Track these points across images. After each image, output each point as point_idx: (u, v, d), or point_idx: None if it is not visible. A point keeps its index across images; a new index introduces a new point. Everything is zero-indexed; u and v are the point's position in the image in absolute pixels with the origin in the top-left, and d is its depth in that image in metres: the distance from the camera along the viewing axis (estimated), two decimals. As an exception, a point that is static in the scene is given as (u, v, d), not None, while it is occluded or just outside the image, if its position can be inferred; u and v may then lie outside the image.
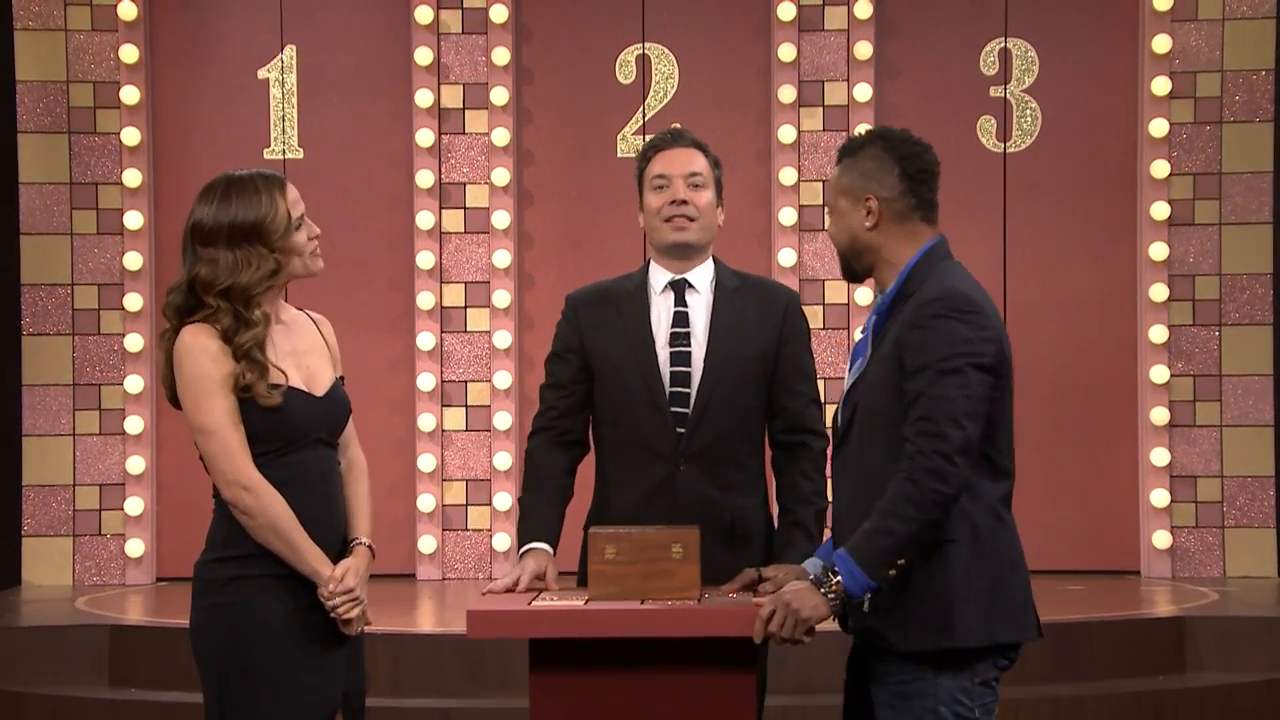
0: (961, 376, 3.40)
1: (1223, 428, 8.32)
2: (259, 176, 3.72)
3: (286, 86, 8.48)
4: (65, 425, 8.36)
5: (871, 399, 3.52)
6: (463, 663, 6.40)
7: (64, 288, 8.38)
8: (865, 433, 3.52)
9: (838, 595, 3.40)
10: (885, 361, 3.50)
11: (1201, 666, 6.76)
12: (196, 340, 3.64)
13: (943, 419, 3.38)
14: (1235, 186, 8.32)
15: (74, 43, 8.39)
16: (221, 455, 3.61)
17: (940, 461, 3.36)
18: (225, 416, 3.60)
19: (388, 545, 8.30)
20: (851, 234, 3.60)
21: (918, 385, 3.41)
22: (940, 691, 3.44)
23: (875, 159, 3.58)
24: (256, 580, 3.64)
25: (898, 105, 8.45)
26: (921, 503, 3.37)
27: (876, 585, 3.39)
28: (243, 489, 3.60)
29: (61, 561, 8.34)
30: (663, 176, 4.10)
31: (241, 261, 3.66)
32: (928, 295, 3.47)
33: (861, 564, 3.38)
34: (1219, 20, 8.33)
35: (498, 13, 8.43)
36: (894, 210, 3.57)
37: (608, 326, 4.06)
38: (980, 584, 3.44)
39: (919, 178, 3.57)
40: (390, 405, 8.43)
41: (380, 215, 8.48)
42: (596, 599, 3.65)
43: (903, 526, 3.37)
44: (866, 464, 3.51)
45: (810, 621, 3.41)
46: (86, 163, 8.39)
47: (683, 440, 4.02)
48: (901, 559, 3.39)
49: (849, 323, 8.40)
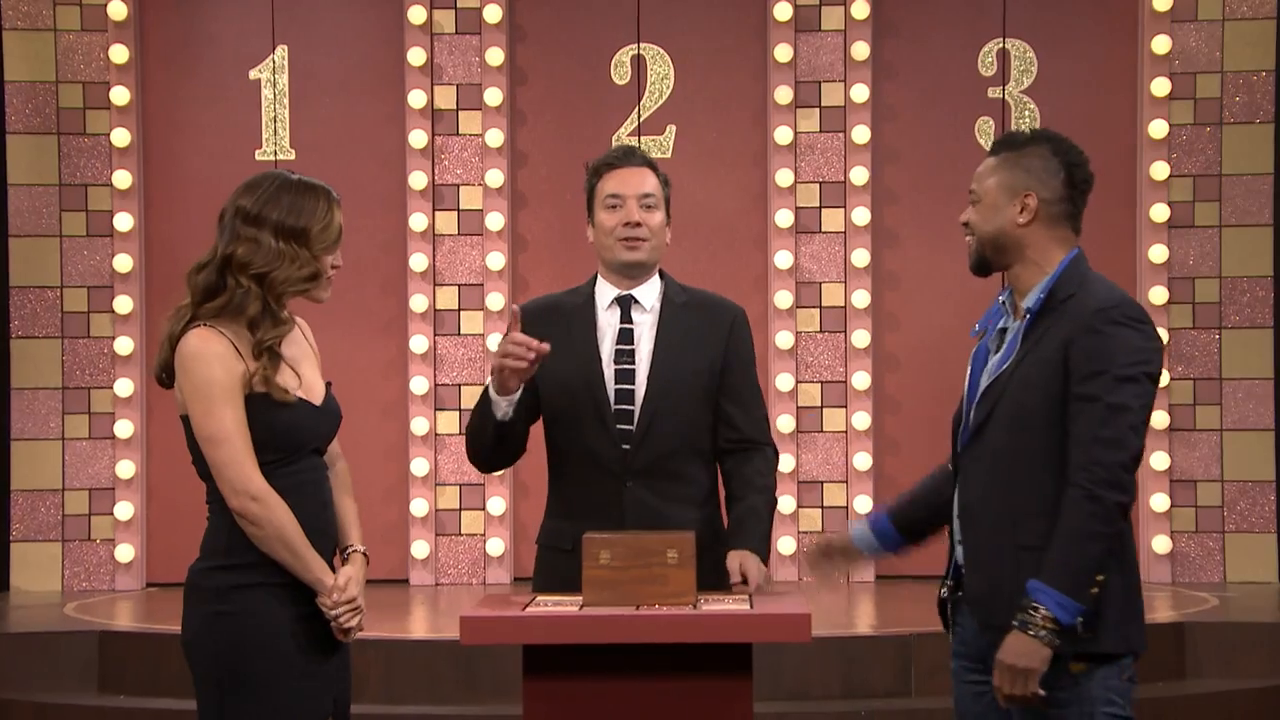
0: (1138, 386, 3.47)
1: (1223, 432, 8.34)
2: (323, 187, 3.76)
3: (278, 87, 8.49)
4: (54, 429, 8.36)
5: (1022, 397, 3.54)
6: (456, 669, 6.40)
7: (53, 290, 8.38)
8: (1006, 431, 3.55)
9: (1050, 629, 3.43)
10: (1044, 363, 3.53)
11: (1202, 673, 6.76)
12: (207, 345, 3.62)
13: (1123, 428, 3.44)
14: (1235, 189, 8.34)
15: (63, 43, 8.39)
16: (230, 464, 3.60)
17: (1120, 472, 3.43)
18: (234, 425, 3.59)
19: (381, 550, 8.32)
20: (1000, 227, 3.65)
21: (1092, 390, 3.46)
22: (1095, 692, 3.49)
23: (1042, 159, 3.64)
24: (258, 589, 3.64)
25: (895, 106, 8.47)
26: (1108, 517, 3.43)
27: (1085, 607, 3.44)
28: (251, 499, 3.60)
29: (50, 567, 8.35)
30: (616, 196, 4.17)
31: (286, 255, 3.66)
32: (1102, 302, 3.53)
33: (1066, 591, 3.42)
34: (1219, 21, 8.35)
35: (491, 13, 8.44)
36: (1050, 213, 3.63)
37: (557, 341, 4.11)
38: (1121, 590, 3.51)
39: (1081, 187, 3.65)
40: (383, 409, 8.44)
41: (373, 217, 8.48)
42: (591, 605, 3.66)
43: (1097, 546, 3.43)
44: (1004, 462, 3.55)
45: (1038, 671, 3.43)
46: (76, 164, 8.40)
47: (628, 456, 4.08)
48: (1100, 575, 3.44)
49: (846, 325, 8.41)
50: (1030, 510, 3.50)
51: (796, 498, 8.38)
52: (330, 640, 3.72)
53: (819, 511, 8.42)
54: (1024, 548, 3.50)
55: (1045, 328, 3.56)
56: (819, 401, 8.45)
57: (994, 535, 3.55)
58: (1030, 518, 3.50)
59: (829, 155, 8.48)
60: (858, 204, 8.40)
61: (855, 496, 8.36)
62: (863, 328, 8.40)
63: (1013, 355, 3.60)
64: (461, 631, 3.58)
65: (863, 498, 8.34)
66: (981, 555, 3.58)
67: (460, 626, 3.58)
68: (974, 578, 3.61)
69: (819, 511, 8.42)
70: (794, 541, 8.35)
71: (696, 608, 3.65)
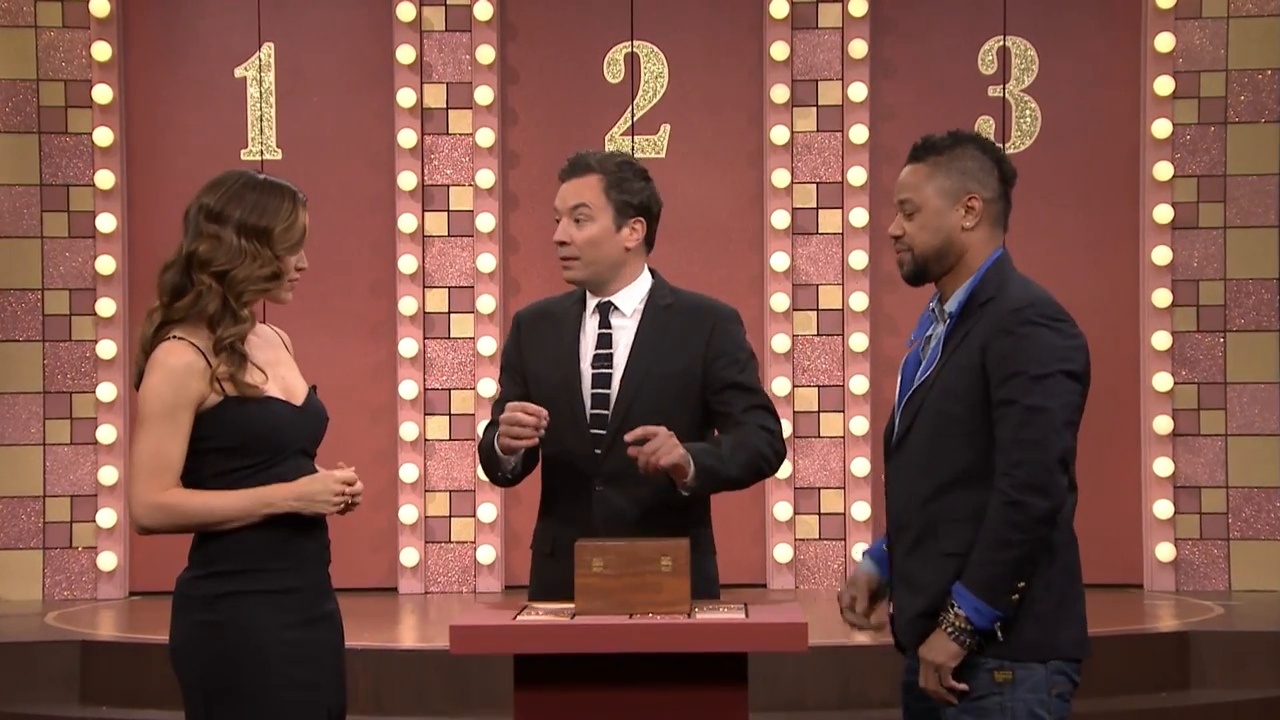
0: (1056, 383, 3.46)
1: (1228, 437, 8.33)
2: (289, 187, 3.75)
3: (264, 85, 8.48)
4: (35, 434, 8.35)
5: (945, 405, 3.55)
6: (446, 679, 6.40)
7: (34, 293, 8.36)
8: (934, 439, 3.56)
9: (965, 630, 3.46)
10: (964, 369, 3.54)
11: (1206, 683, 6.77)
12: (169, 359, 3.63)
13: (1043, 429, 3.44)
14: (1240, 189, 8.34)
15: (44, 40, 8.38)
16: (132, 480, 3.66)
17: (1042, 475, 3.43)
18: (154, 447, 3.62)
19: (369, 558, 8.32)
20: (947, 234, 3.62)
21: (1009, 393, 3.47)
22: (1018, 705, 3.50)
23: (975, 159, 3.63)
24: (248, 596, 3.64)
25: (893, 105, 8.47)
26: (1026, 523, 3.44)
27: (1004, 614, 3.46)
28: (148, 509, 3.63)
29: (31, 575, 8.33)
30: (556, 210, 4.22)
31: (247, 254, 3.66)
32: (1015, 302, 3.52)
33: (982, 596, 3.45)
34: (1224, 18, 8.35)
35: (482, 10, 8.44)
36: (992, 212, 3.63)
37: (545, 345, 4.18)
38: (1048, 597, 3.50)
39: (1010, 183, 3.67)
40: (372, 414, 8.43)
41: (361, 218, 8.48)
42: (583, 613, 3.66)
43: (1013, 551, 3.44)
44: (928, 470, 3.56)
45: (949, 667, 3.48)
46: (57, 164, 8.38)
47: (599, 459, 4.10)
48: (1021, 581, 3.45)
49: (843, 329, 8.41)
50: (954, 516, 3.53)
51: (793, 504, 8.37)
52: (325, 651, 3.71)
53: (816, 518, 8.41)
54: (948, 554, 3.52)
55: (965, 332, 3.56)
56: (816, 406, 8.45)
57: (919, 543, 3.57)
58: (953, 524, 3.52)
59: (826, 155, 8.47)
60: (855, 205, 8.40)
61: (853, 503, 8.35)
62: (861, 331, 8.39)
63: (935, 362, 3.60)
64: (451, 641, 3.58)
65: (860, 504, 8.33)
66: (909, 563, 3.60)
67: (450, 636, 3.58)
68: (901, 584, 3.63)
69: (816, 518, 8.41)
70: (790, 550, 8.34)
71: (691, 616, 3.65)
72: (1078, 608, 3.57)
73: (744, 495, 5.26)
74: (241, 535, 3.65)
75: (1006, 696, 3.49)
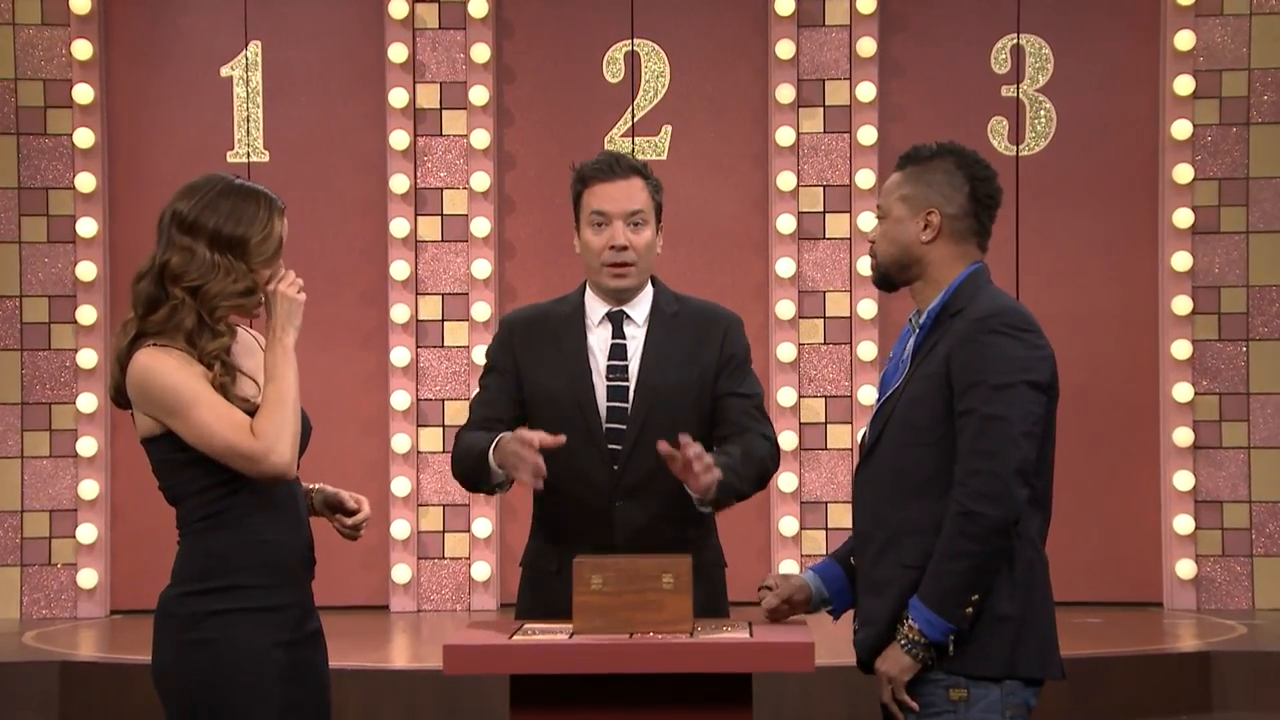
0: (1017, 393, 3.52)
1: (1250, 449, 8.33)
2: (266, 193, 3.72)
3: (251, 85, 8.49)
4: (13, 447, 8.35)
5: (910, 415, 3.61)
6: (439, 701, 6.40)
7: (12, 300, 8.37)
8: (899, 448, 3.61)
9: (917, 644, 3.52)
10: (929, 378, 3.60)
11: (1228, 706, 6.77)
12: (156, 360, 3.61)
13: (1000, 439, 3.50)
14: (1263, 192, 8.35)
15: (23, 38, 8.39)
16: (236, 446, 3.56)
17: (997, 484, 3.48)
18: (221, 413, 3.57)
19: (359, 574, 8.32)
20: (903, 244, 3.71)
21: (969, 403, 3.52)
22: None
23: (946, 174, 3.69)
24: (235, 614, 3.63)
25: (903, 105, 8.48)
26: (980, 534, 3.49)
27: (956, 627, 3.50)
28: (269, 454, 3.58)
29: (8, 593, 8.33)
30: (601, 214, 4.13)
31: (220, 268, 3.65)
32: (980, 312, 3.58)
33: (935, 610, 3.50)
34: (1245, 15, 8.36)
35: (477, 7, 8.45)
36: (954, 229, 3.69)
37: (544, 355, 4.14)
38: (1011, 615, 3.54)
39: (986, 203, 3.70)
40: (363, 425, 8.43)
41: (352, 222, 8.48)
42: (582, 632, 3.65)
43: (967, 563, 3.49)
44: (899, 482, 3.60)
45: (902, 680, 3.53)
46: (36, 166, 8.39)
47: (618, 475, 4.09)
48: (975, 594, 3.50)
49: (851, 337, 8.41)
50: (914, 528, 3.57)
51: (799, 519, 8.37)
52: (312, 670, 3.71)
53: (823, 534, 8.41)
54: (907, 566, 3.57)
55: (934, 343, 3.63)
56: (823, 417, 8.45)
57: (881, 555, 3.61)
58: (913, 535, 3.57)
59: (833, 157, 8.48)
60: (863, 209, 8.40)
61: (862, 518, 8.35)
62: (869, 339, 8.40)
63: (903, 373, 3.67)
64: (445, 661, 3.57)
65: (869, 519, 8.33)
66: (873, 575, 3.64)
67: (444, 655, 3.57)
68: (865, 597, 3.67)
69: (823, 534, 8.41)
70: (797, 565, 8.34)
71: (693, 635, 3.65)
72: (1041, 628, 3.59)
73: (749, 509, 5.27)
74: (227, 550, 3.64)
75: (960, 715, 3.53)
